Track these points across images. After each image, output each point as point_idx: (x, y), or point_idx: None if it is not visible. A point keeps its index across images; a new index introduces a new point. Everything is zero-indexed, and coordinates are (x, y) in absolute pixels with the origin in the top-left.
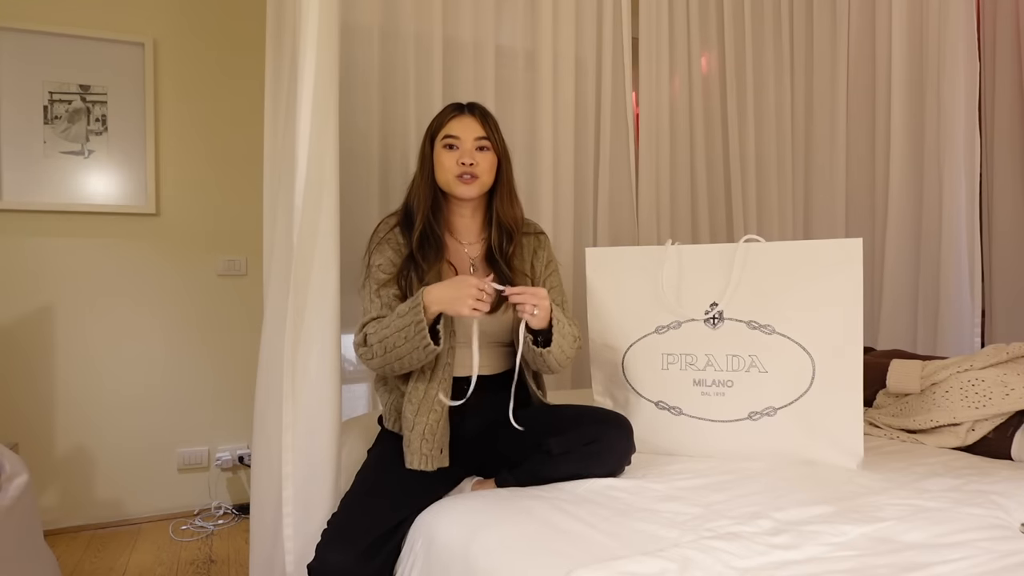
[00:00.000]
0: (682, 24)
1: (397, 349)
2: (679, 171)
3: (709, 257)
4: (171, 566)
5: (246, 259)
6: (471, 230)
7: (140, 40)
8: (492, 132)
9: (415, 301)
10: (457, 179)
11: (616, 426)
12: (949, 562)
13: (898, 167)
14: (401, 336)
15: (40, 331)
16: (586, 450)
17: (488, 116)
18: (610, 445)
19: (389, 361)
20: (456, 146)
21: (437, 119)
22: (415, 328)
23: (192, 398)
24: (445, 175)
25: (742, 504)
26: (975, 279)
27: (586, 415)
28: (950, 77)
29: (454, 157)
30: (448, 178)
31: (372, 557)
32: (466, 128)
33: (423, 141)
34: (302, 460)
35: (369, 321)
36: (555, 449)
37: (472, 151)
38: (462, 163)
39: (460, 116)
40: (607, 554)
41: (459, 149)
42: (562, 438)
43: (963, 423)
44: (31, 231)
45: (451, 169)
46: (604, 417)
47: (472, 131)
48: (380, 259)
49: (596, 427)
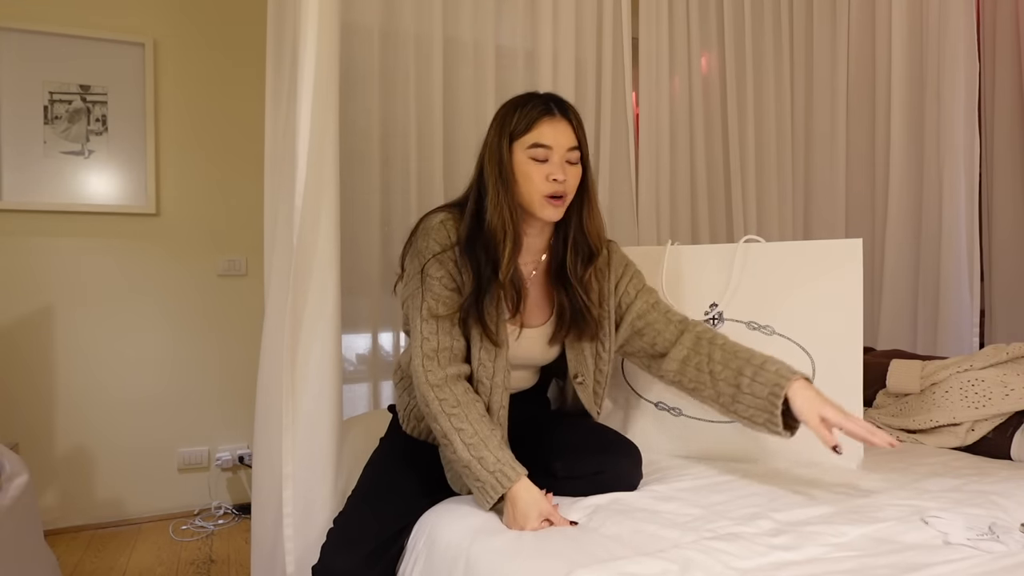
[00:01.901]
0: (682, 24)
1: (452, 464)
2: (679, 171)
3: (709, 257)
4: (171, 566)
5: (246, 259)
6: (535, 248)
7: (140, 40)
8: (582, 141)
9: (499, 476)
10: (546, 199)
11: (624, 453)
12: (949, 562)
13: (898, 167)
14: (466, 472)
15: (40, 331)
16: (593, 479)
17: (580, 121)
18: (617, 476)
19: (436, 439)
20: (547, 158)
21: (521, 118)
22: (482, 489)
23: (192, 398)
24: (531, 192)
25: (742, 505)
26: (975, 279)
27: (595, 441)
28: (950, 77)
29: (543, 172)
30: (535, 197)
31: (378, 559)
32: (559, 135)
33: (495, 140)
34: (302, 460)
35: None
36: (561, 472)
37: (563, 165)
38: (554, 179)
39: (551, 119)
40: (607, 554)
41: (549, 162)
42: (568, 463)
43: (963, 423)
44: (31, 231)
45: (540, 187)
46: (613, 446)
47: (566, 140)
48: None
49: (603, 457)
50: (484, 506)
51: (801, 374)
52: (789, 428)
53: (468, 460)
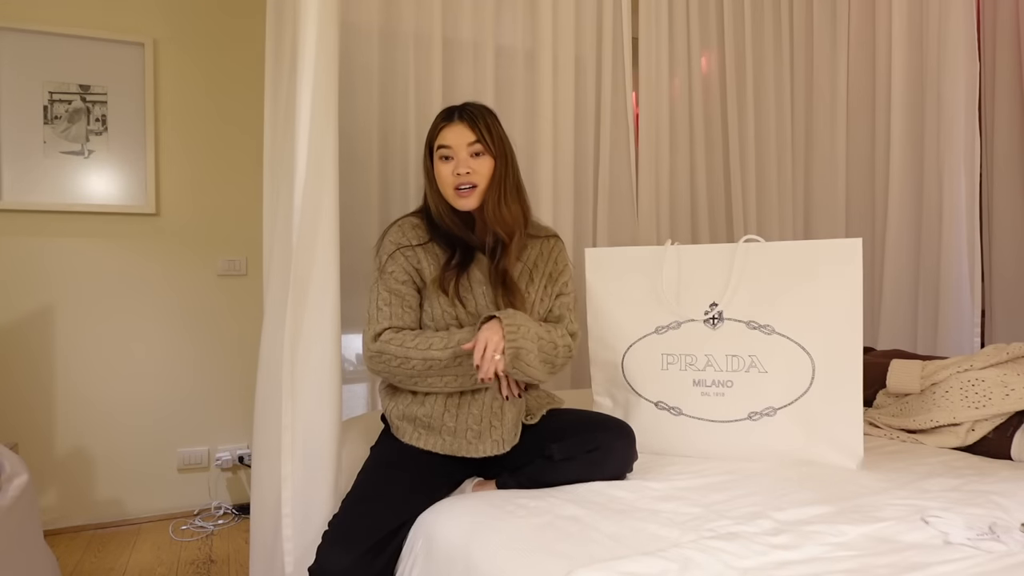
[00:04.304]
0: (682, 24)
1: (436, 367)
2: (679, 171)
3: (709, 257)
4: (171, 566)
5: (246, 259)
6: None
7: (140, 40)
8: (483, 134)
9: (450, 342)
10: (455, 192)
11: (619, 433)
12: (949, 562)
13: (898, 167)
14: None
15: (40, 331)
16: (588, 457)
17: (478, 118)
18: (612, 452)
19: (408, 378)
20: (451, 156)
21: (431, 129)
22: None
23: (192, 398)
24: (445, 189)
25: (742, 504)
26: (975, 279)
27: (589, 422)
28: (950, 77)
29: (450, 168)
30: (448, 192)
31: (373, 559)
32: (457, 136)
33: (424, 154)
34: (302, 460)
35: (384, 330)
36: (557, 455)
37: (467, 159)
38: (457, 173)
39: (450, 124)
40: (607, 554)
41: (454, 159)
42: (564, 444)
43: (963, 423)
44: (31, 231)
45: (448, 181)
46: (607, 424)
47: (463, 137)
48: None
49: (598, 434)
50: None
51: (507, 315)
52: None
53: (446, 345)
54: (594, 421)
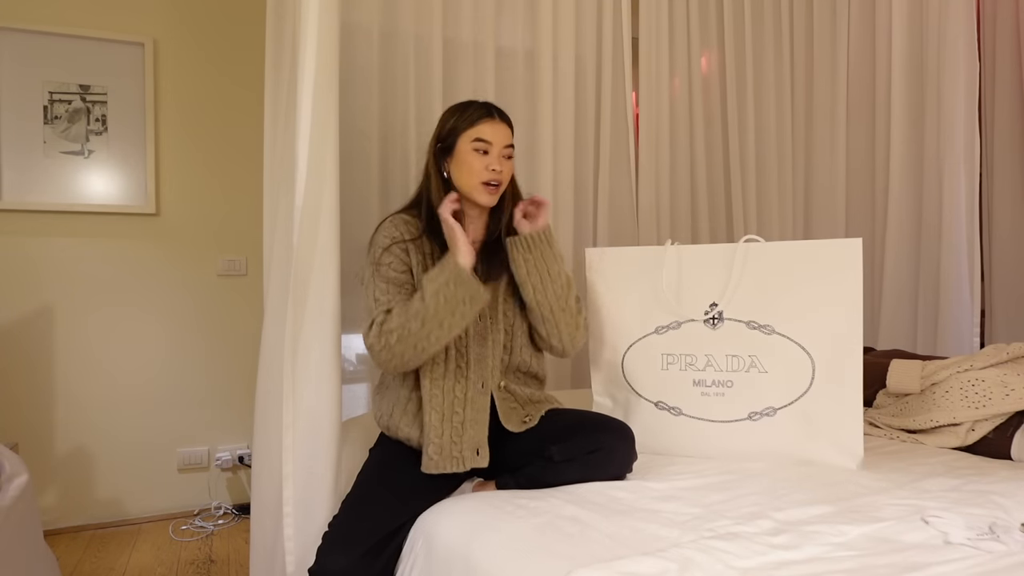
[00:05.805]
0: (682, 24)
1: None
2: (679, 171)
3: (709, 257)
4: (171, 566)
5: (246, 259)
6: (475, 229)
7: (140, 40)
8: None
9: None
10: (483, 186)
11: (619, 434)
12: (949, 562)
13: (898, 167)
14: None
15: (40, 331)
16: (588, 458)
17: (510, 123)
18: (612, 453)
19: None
20: (488, 151)
21: (465, 117)
22: (455, 281)
23: (192, 398)
24: (472, 179)
25: (742, 504)
26: (975, 279)
27: (588, 422)
28: (950, 77)
29: (484, 162)
30: (474, 183)
31: (373, 560)
32: (497, 133)
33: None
34: (302, 460)
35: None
36: (557, 456)
37: (500, 159)
38: (492, 169)
39: (492, 120)
40: (607, 554)
41: (489, 155)
42: (564, 445)
43: (963, 423)
44: (31, 231)
45: (480, 174)
46: (606, 425)
47: (503, 138)
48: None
49: (599, 435)
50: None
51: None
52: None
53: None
54: (594, 422)
